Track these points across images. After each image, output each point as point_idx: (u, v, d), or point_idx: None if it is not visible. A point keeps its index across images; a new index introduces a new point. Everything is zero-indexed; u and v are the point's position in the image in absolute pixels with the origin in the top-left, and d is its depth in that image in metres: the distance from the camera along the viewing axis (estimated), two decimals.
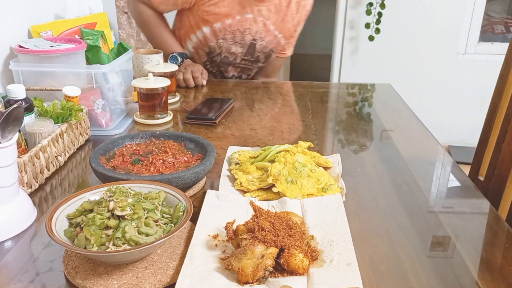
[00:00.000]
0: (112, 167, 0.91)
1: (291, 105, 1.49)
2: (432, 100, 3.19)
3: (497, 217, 0.87)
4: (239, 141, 1.19)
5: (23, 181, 0.88)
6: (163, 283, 0.65)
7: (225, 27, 1.61)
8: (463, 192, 0.99)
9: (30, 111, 1.02)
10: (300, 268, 0.66)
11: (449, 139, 3.23)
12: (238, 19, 1.59)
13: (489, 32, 3.32)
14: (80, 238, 0.67)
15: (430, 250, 0.76)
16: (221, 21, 1.59)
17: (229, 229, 0.72)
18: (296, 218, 0.75)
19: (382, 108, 1.50)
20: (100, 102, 1.21)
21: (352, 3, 3.03)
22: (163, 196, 0.76)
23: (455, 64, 3.15)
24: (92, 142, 1.17)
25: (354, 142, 1.21)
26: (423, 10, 3.02)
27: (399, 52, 3.12)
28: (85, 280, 0.65)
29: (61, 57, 1.15)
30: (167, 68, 1.42)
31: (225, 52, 1.69)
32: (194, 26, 1.64)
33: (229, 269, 0.66)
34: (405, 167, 1.06)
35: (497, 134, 1.26)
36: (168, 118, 1.31)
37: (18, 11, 1.28)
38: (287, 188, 0.88)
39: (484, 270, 0.71)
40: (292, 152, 0.96)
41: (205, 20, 1.61)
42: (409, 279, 0.68)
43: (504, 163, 1.16)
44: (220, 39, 1.64)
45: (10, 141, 0.76)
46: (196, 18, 1.62)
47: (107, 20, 1.42)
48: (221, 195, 0.87)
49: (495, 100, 1.33)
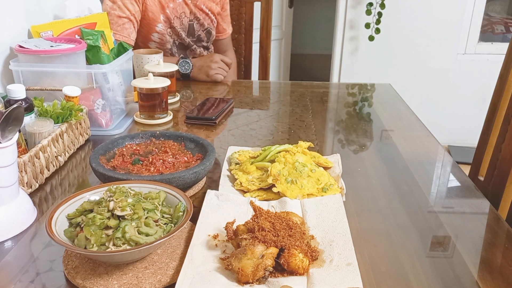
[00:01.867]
0: (112, 167, 0.91)
1: (291, 105, 1.49)
2: (432, 100, 3.19)
3: (497, 217, 0.87)
4: (239, 141, 1.19)
5: (23, 181, 0.88)
6: (163, 283, 0.65)
7: (167, 18, 1.72)
8: (463, 192, 0.99)
9: (30, 111, 1.02)
10: (300, 268, 0.66)
11: (449, 139, 3.23)
12: (172, 7, 1.71)
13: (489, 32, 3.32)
14: (80, 238, 0.67)
15: (430, 250, 0.76)
16: (162, 14, 1.71)
17: (229, 229, 0.72)
18: (296, 218, 0.75)
19: (382, 108, 1.50)
20: (100, 102, 1.21)
21: (352, 3, 3.03)
22: (163, 196, 0.76)
23: (455, 64, 3.15)
24: (92, 142, 1.17)
25: (354, 142, 1.21)
26: (423, 10, 3.02)
27: (399, 52, 3.12)
28: (85, 280, 0.65)
29: (61, 57, 1.15)
30: (167, 68, 1.42)
31: (178, 40, 1.80)
32: (147, 34, 1.74)
33: (229, 269, 0.66)
34: (405, 167, 1.06)
35: (497, 134, 1.26)
36: (168, 118, 1.31)
37: (18, 11, 1.28)
38: (287, 188, 0.88)
39: (484, 270, 0.71)
40: (292, 152, 0.96)
41: (151, 21, 1.71)
42: (409, 279, 0.68)
43: (504, 163, 1.16)
44: (169, 29, 1.75)
45: (10, 141, 0.76)
46: (145, 27, 1.72)
47: (107, 20, 1.41)
48: (221, 195, 0.87)
49: (495, 100, 1.33)
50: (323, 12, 5.48)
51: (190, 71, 1.67)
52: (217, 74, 1.68)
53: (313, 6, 5.48)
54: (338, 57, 3.21)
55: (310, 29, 5.61)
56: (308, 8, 5.47)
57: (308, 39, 5.65)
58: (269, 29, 2.10)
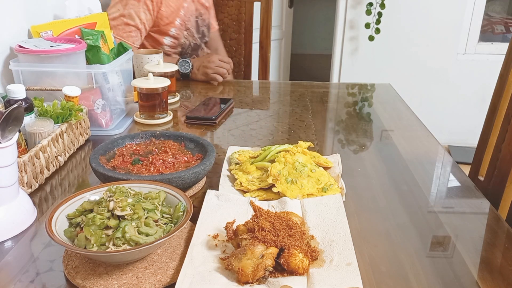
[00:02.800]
0: (112, 167, 0.91)
1: (291, 105, 1.49)
2: (432, 100, 3.19)
3: (497, 217, 0.87)
4: (239, 141, 1.19)
5: (23, 181, 0.88)
6: (163, 283, 0.65)
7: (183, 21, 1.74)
8: (463, 192, 0.99)
9: (30, 111, 1.02)
10: (300, 268, 0.66)
11: (449, 139, 3.23)
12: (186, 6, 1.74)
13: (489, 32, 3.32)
14: (80, 238, 0.67)
15: (430, 250, 0.76)
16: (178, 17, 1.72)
17: (229, 229, 0.72)
18: (296, 218, 0.75)
19: (382, 108, 1.50)
20: (100, 102, 1.21)
21: (352, 3, 3.03)
22: (163, 196, 0.76)
23: (455, 64, 3.15)
24: (92, 142, 1.17)
25: (354, 142, 1.21)
26: (423, 10, 3.02)
27: (399, 52, 3.12)
28: (85, 280, 0.65)
29: (61, 57, 1.15)
30: (167, 68, 1.42)
31: (193, 41, 1.81)
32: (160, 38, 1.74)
33: (229, 269, 0.66)
34: (405, 167, 1.06)
35: (497, 134, 1.26)
36: (168, 118, 1.31)
37: (18, 11, 1.28)
38: (287, 188, 0.88)
39: (484, 270, 0.71)
40: (292, 152, 0.96)
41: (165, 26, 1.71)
42: (409, 279, 0.68)
43: (504, 163, 1.16)
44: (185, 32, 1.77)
45: (10, 141, 0.76)
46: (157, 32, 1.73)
47: (107, 20, 1.41)
48: (221, 195, 0.87)
49: (495, 100, 1.33)
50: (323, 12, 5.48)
51: (190, 71, 1.67)
52: (215, 74, 1.66)
53: (313, 6, 5.48)
54: (338, 57, 3.20)
55: (310, 29, 5.61)
56: (308, 8, 5.47)
57: (308, 39, 5.65)
58: (269, 29, 2.10)
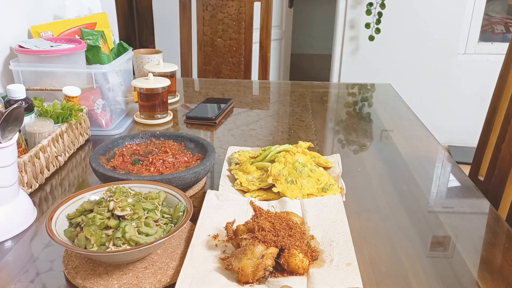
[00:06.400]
0: (112, 167, 0.91)
1: (291, 105, 1.49)
2: (432, 100, 3.19)
3: (497, 217, 0.87)
4: (239, 141, 1.19)
5: (23, 181, 0.88)
6: (163, 283, 0.65)
7: None
8: (463, 192, 0.99)
9: (30, 111, 1.02)
10: (300, 268, 0.66)
11: (449, 139, 3.23)
12: None
13: (489, 32, 3.31)
14: (80, 238, 0.67)
15: (430, 250, 0.76)
16: None
17: (229, 229, 0.72)
18: (296, 218, 0.75)
19: (382, 108, 1.50)
20: (100, 102, 1.21)
21: (352, 3, 3.03)
22: (163, 196, 0.76)
23: (455, 64, 3.15)
24: (92, 142, 1.17)
25: (354, 142, 1.21)
26: (423, 10, 3.02)
27: (399, 52, 3.12)
28: (85, 280, 0.65)
29: (61, 57, 1.15)
30: (167, 68, 1.42)
31: None
32: None
33: (229, 269, 0.66)
34: (405, 167, 1.06)
35: (497, 134, 1.26)
36: (168, 118, 1.31)
37: (18, 11, 1.28)
38: (287, 188, 0.88)
39: (484, 270, 0.71)
40: (292, 152, 0.96)
41: None
42: (409, 279, 0.68)
43: (504, 163, 1.16)
44: None
45: (10, 141, 0.76)
46: None
47: (107, 20, 1.41)
48: (221, 195, 0.87)
49: (495, 100, 1.33)
50: (323, 12, 5.48)
51: None
52: None
53: (313, 6, 5.48)
54: (338, 57, 3.20)
55: (310, 29, 5.61)
56: (308, 8, 5.47)
57: (308, 39, 5.65)
58: (269, 29, 2.10)
